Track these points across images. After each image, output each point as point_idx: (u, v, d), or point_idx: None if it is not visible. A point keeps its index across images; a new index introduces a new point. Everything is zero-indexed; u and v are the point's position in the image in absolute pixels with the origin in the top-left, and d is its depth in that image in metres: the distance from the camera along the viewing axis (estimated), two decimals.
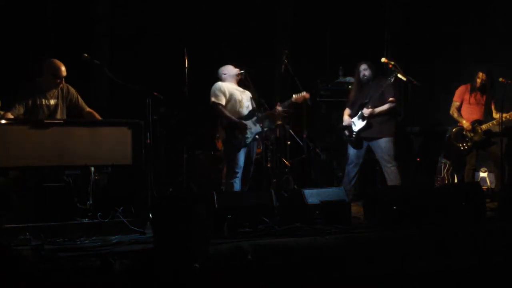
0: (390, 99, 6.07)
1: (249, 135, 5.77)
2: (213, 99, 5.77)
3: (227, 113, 5.75)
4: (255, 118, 5.86)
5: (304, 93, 5.87)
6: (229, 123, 5.75)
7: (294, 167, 6.92)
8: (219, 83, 5.86)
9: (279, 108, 5.91)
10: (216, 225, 4.30)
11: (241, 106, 5.84)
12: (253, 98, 5.90)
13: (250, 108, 5.89)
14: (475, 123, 6.43)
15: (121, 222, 4.46)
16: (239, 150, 5.74)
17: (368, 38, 8.08)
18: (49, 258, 3.58)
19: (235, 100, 5.81)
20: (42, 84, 5.05)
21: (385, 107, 6.07)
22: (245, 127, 5.73)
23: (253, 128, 5.82)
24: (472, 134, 6.43)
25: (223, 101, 5.76)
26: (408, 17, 8.47)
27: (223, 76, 5.91)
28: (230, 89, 5.84)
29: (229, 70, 5.93)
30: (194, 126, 6.69)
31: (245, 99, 5.89)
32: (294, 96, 5.87)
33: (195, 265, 3.48)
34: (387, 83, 6.01)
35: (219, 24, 7.60)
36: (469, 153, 6.50)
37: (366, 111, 6.06)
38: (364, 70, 6.19)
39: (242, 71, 5.88)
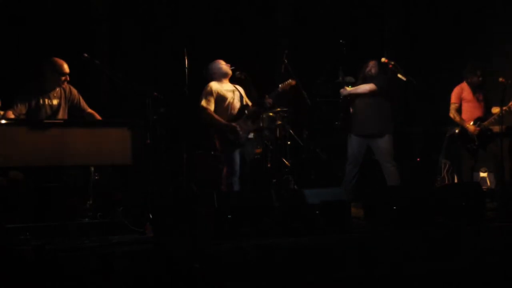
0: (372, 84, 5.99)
1: (243, 134, 5.61)
2: (202, 103, 5.56)
3: (216, 117, 5.52)
4: (244, 116, 5.66)
5: (289, 81, 5.68)
6: (218, 128, 5.57)
7: (294, 167, 6.91)
8: (210, 85, 5.62)
9: (269, 100, 5.66)
10: (216, 225, 4.31)
11: (232, 108, 5.64)
12: (250, 97, 5.83)
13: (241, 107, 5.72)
14: (477, 122, 6.36)
15: (121, 222, 4.46)
16: (235, 150, 5.62)
17: (368, 38, 8.08)
18: (49, 258, 3.59)
19: (224, 102, 5.61)
20: (45, 84, 5.03)
21: (361, 87, 6.01)
22: (234, 129, 5.56)
23: (245, 127, 5.63)
24: (477, 133, 6.34)
25: (212, 106, 5.55)
26: (408, 17, 8.47)
27: (212, 76, 5.69)
28: (220, 90, 5.62)
29: (217, 69, 5.68)
30: (194, 126, 6.68)
31: (236, 99, 5.69)
32: (280, 85, 5.68)
33: (195, 265, 3.48)
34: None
35: (219, 24, 7.59)
36: (476, 153, 6.43)
37: (342, 90, 6.10)
38: (372, 66, 6.11)
39: (233, 67, 5.67)
